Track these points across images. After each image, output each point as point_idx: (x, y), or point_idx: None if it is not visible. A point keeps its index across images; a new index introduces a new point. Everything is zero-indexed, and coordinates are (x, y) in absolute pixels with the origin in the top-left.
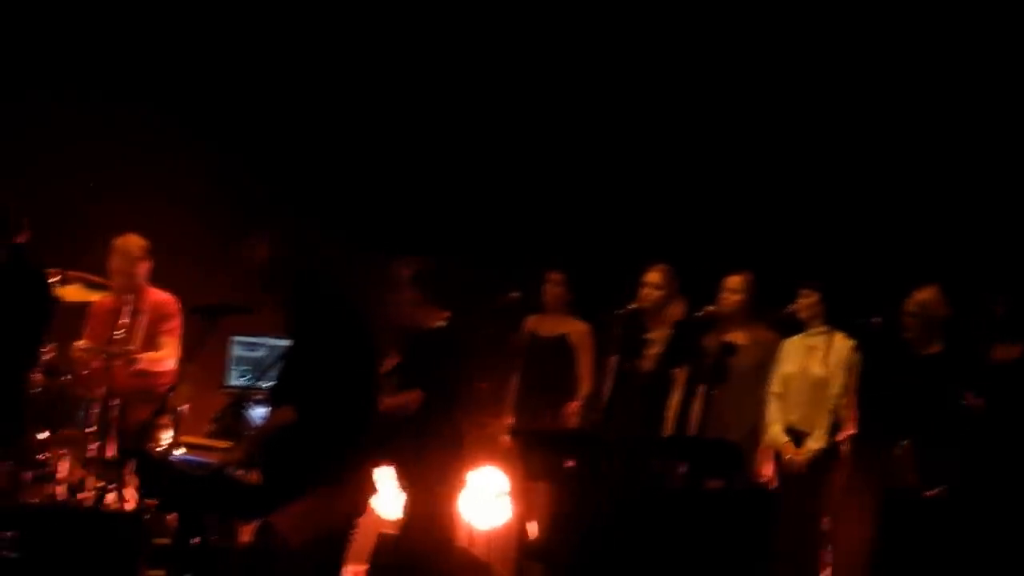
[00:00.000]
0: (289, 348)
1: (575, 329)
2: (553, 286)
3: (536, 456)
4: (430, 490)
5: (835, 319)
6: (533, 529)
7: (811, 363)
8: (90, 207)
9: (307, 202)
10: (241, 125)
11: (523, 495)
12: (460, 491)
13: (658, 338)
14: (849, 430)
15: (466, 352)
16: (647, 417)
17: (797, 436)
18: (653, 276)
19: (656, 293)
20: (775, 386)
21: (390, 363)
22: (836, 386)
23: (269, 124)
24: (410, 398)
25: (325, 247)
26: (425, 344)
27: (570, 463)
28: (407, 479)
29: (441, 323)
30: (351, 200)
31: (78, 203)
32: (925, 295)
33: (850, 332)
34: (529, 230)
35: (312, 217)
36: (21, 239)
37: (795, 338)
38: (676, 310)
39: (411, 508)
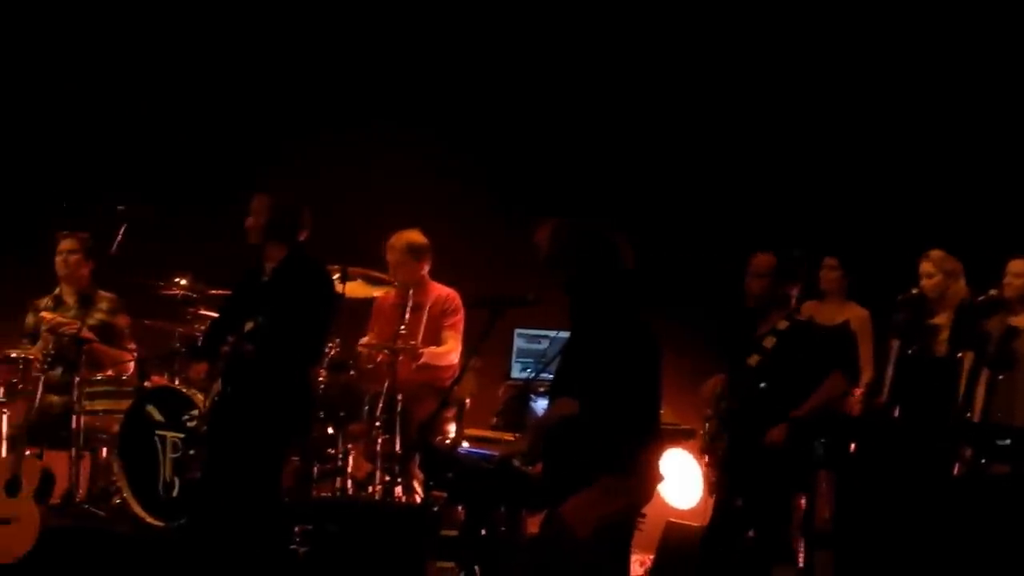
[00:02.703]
0: (571, 339)
1: (855, 315)
2: (829, 271)
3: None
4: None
5: None
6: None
7: None
8: (373, 202)
9: (591, 194)
10: (527, 116)
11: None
12: None
13: (943, 323)
14: None
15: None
16: (938, 402)
17: None
18: (926, 264)
19: (930, 280)
20: None
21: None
22: None
23: (556, 116)
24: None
25: (611, 237)
26: (810, 337)
27: (855, 450)
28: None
29: (801, 317)
30: (633, 192)
31: (361, 199)
32: None
33: None
34: (805, 216)
35: (596, 209)
36: (303, 236)
37: None
38: (958, 294)
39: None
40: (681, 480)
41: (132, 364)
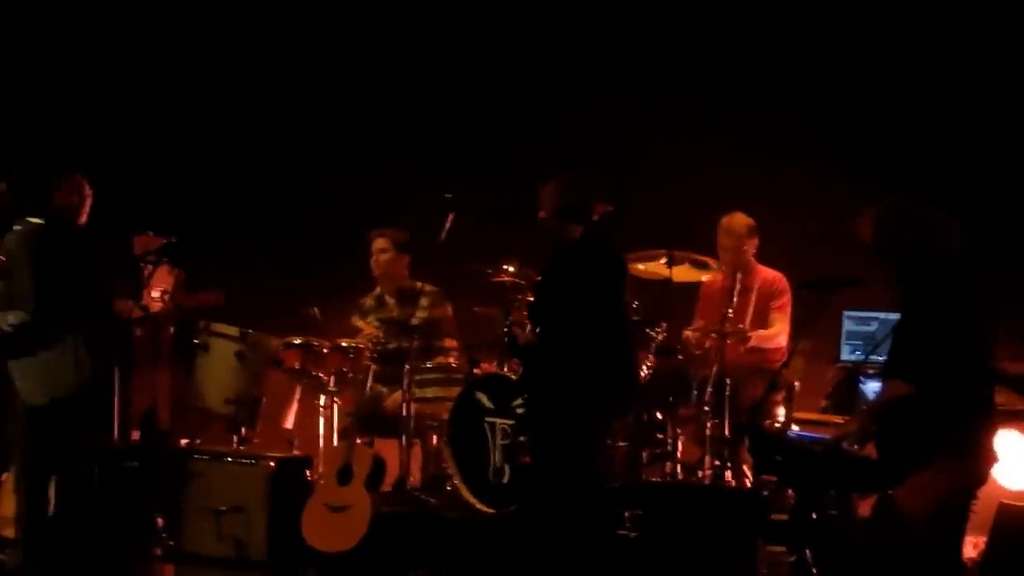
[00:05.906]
0: (900, 320)
1: None
2: None
3: None
4: None
5: None
6: None
7: None
8: (698, 185)
9: (918, 175)
10: (846, 99)
11: None
12: None
13: None
14: None
15: None
16: None
17: None
18: None
19: None
20: None
21: None
22: None
23: (887, 98)
24: None
25: (938, 220)
26: None
27: None
28: None
29: None
30: (954, 175)
31: (686, 181)
32: None
33: None
34: None
35: (923, 190)
36: (598, 213)
37: None
38: None
39: None
40: (1015, 461)
41: (455, 354)
